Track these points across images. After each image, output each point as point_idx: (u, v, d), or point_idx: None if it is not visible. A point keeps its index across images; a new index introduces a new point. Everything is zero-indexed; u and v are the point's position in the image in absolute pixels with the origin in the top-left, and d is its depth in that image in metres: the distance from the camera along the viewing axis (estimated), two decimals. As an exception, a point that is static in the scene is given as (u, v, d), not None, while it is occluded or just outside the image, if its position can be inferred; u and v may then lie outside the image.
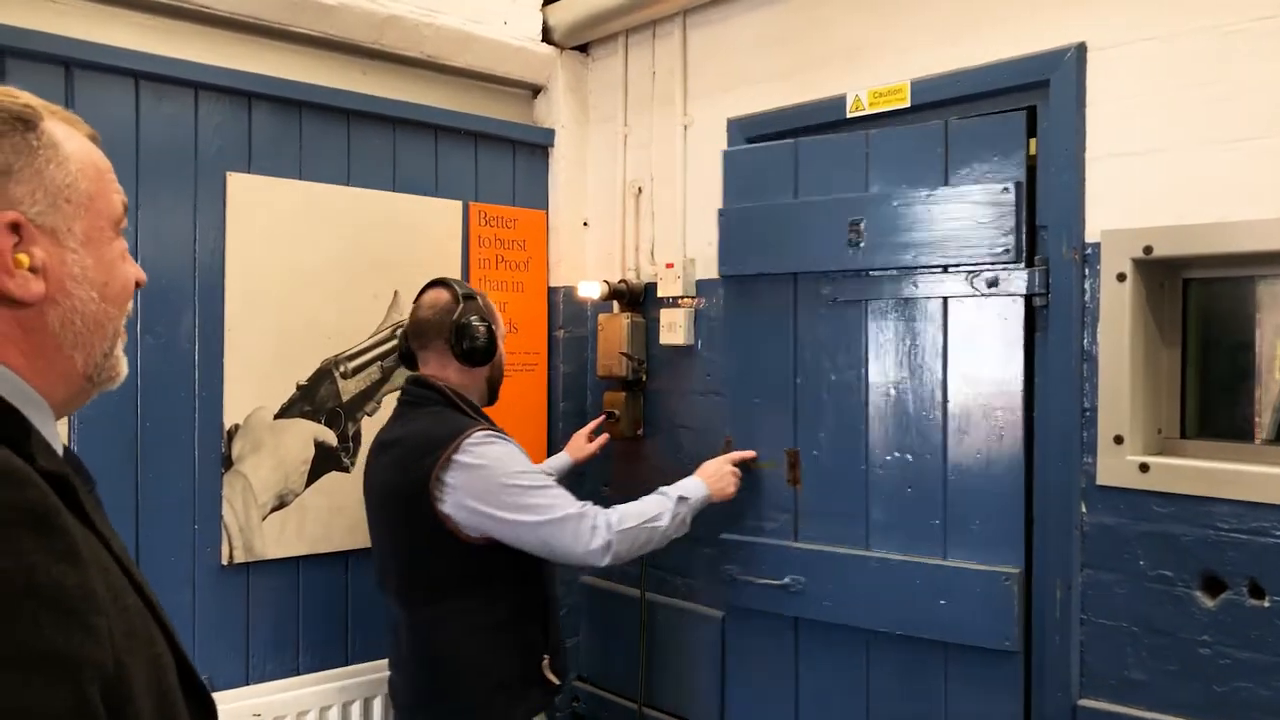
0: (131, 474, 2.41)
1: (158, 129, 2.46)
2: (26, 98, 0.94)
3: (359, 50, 2.84)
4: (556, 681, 2.31)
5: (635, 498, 3.03)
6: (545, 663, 2.29)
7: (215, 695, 2.41)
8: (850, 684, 2.42)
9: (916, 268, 2.30)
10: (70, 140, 0.95)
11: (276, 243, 2.62)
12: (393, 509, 2.24)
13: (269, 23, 2.63)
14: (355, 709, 2.66)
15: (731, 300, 2.68)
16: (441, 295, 2.34)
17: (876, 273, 2.37)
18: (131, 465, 2.41)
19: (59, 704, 0.70)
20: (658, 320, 2.98)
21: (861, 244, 2.36)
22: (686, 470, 2.91)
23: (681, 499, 2.36)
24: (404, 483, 2.18)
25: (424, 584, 2.22)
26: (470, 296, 2.34)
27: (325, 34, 2.73)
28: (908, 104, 2.37)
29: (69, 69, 2.33)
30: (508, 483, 2.14)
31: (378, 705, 2.70)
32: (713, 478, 2.46)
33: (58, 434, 0.96)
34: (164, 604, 2.53)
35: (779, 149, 2.55)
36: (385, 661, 2.73)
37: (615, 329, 3.03)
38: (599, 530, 2.19)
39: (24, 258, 0.88)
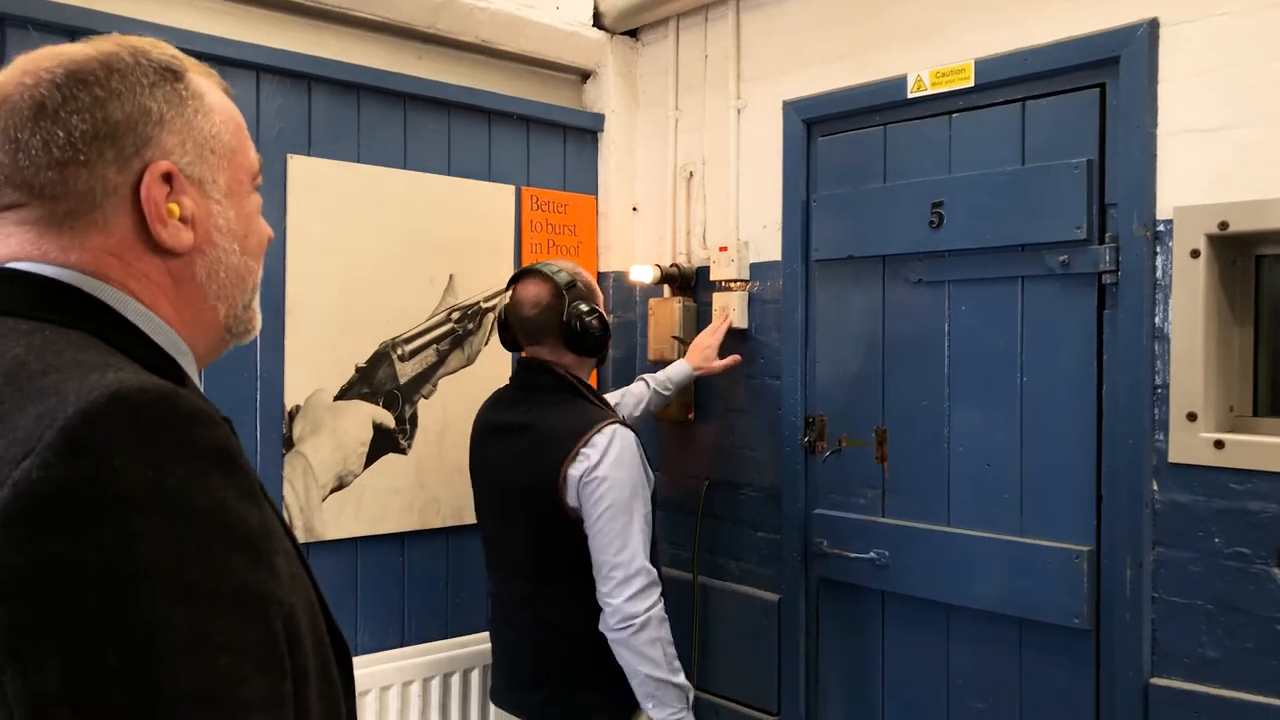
0: (196, 453, 2.42)
1: (221, 111, 2.47)
2: (173, 50, 0.94)
3: (414, 34, 2.85)
4: None
5: (685, 483, 3.06)
6: None
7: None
8: (932, 657, 2.45)
9: (994, 248, 2.31)
10: (213, 93, 0.96)
11: (335, 225, 2.64)
12: (518, 498, 2.26)
13: (328, 6, 2.64)
14: (414, 689, 2.66)
15: (822, 284, 2.71)
16: (542, 291, 2.31)
17: (956, 253, 2.39)
18: (196, 445, 2.42)
19: (251, 638, 0.70)
20: (709, 304, 2.98)
21: (943, 226, 2.37)
22: (738, 454, 2.94)
23: (680, 686, 2.19)
24: (532, 475, 2.21)
25: (549, 568, 2.26)
26: (571, 284, 2.32)
27: (382, 18, 2.74)
28: (971, 84, 2.37)
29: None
30: (614, 505, 2.14)
31: (435, 685, 2.71)
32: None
33: (199, 384, 0.97)
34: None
35: (868, 135, 2.58)
36: (441, 643, 2.78)
37: (667, 313, 3.03)
38: (653, 610, 2.14)
39: (175, 207, 0.89)
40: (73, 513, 0.64)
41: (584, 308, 2.30)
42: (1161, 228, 2.09)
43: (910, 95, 2.47)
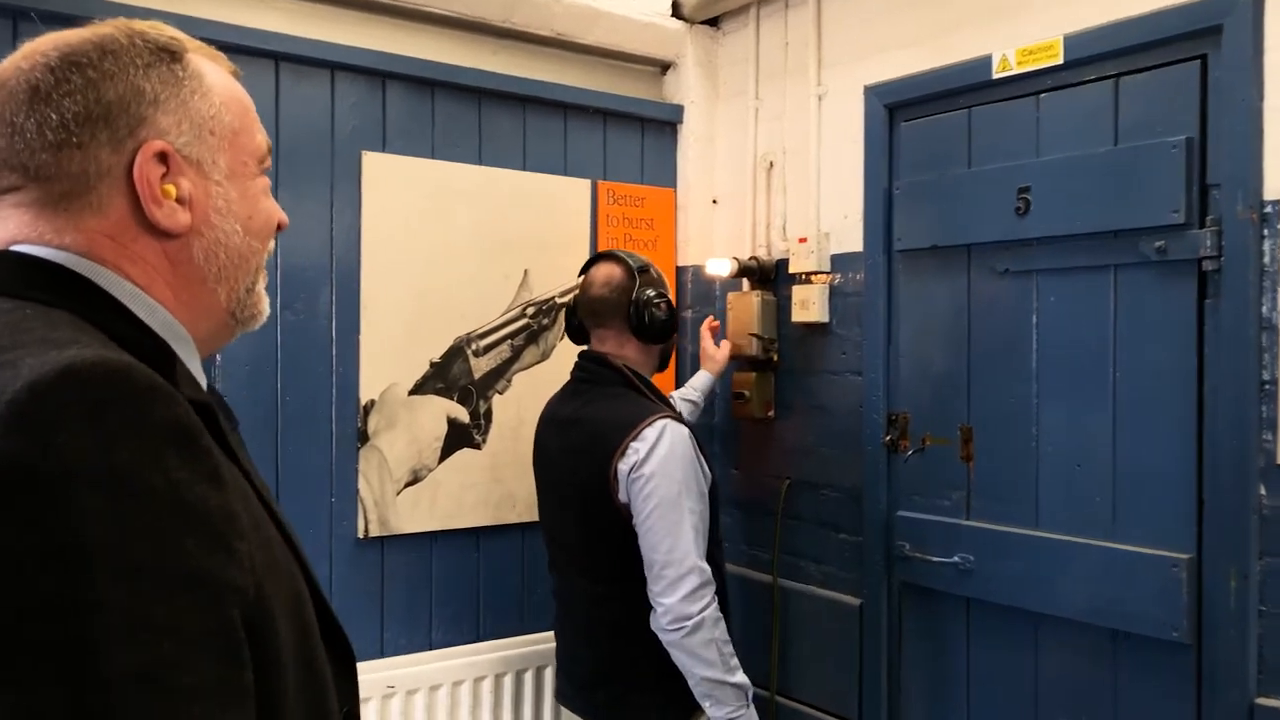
0: (272, 447, 2.46)
1: (296, 109, 2.51)
2: (173, 31, 0.93)
3: (489, 29, 2.84)
4: None
5: (764, 482, 2.99)
6: None
7: (351, 665, 2.46)
8: (1019, 667, 2.33)
9: (1084, 235, 2.17)
10: (215, 74, 0.95)
11: (410, 221, 2.65)
12: (573, 492, 2.23)
13: (402, 3, 2.66)
14: (486, 685, 2.66)
15: (905, 275, 2.61)
16: (615, 271, 2.30)
17: (1044, 241, 2.26)
18: (272, 438, 2.47)
19: (202, 624, 0.68)
20: (789, 298, 2.90)
21: (1029, 212, 2.25)
22: (818, 453, 2.85)
23: (737, 686, 2.12)
24: (585, 469, 2.17)
25: (606, 566, 2.21)
26: (644, 269, 2.30)
27: (456, 13, 2.75)
28: (1060, 61, 2.23)
29: (215, 51, 2.39)
30: (663, 501, 2.08)
31: (508, 682, 2.70)
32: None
33: (201, 370, 0.95)
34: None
35: (951, 119, 2.47)
36: (514, 640, 2.77)
37: (745, 307, 2.96)
38: (707, 612, 2.07)
39: (171, 188, 0.88)
40: (13, 486, 0.62)
41: (652, 292, 2.27)
42: (1269, 209, 1.92)
43: (995, 76, 2.35)
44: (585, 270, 2.37)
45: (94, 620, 0.62)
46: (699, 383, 2.85)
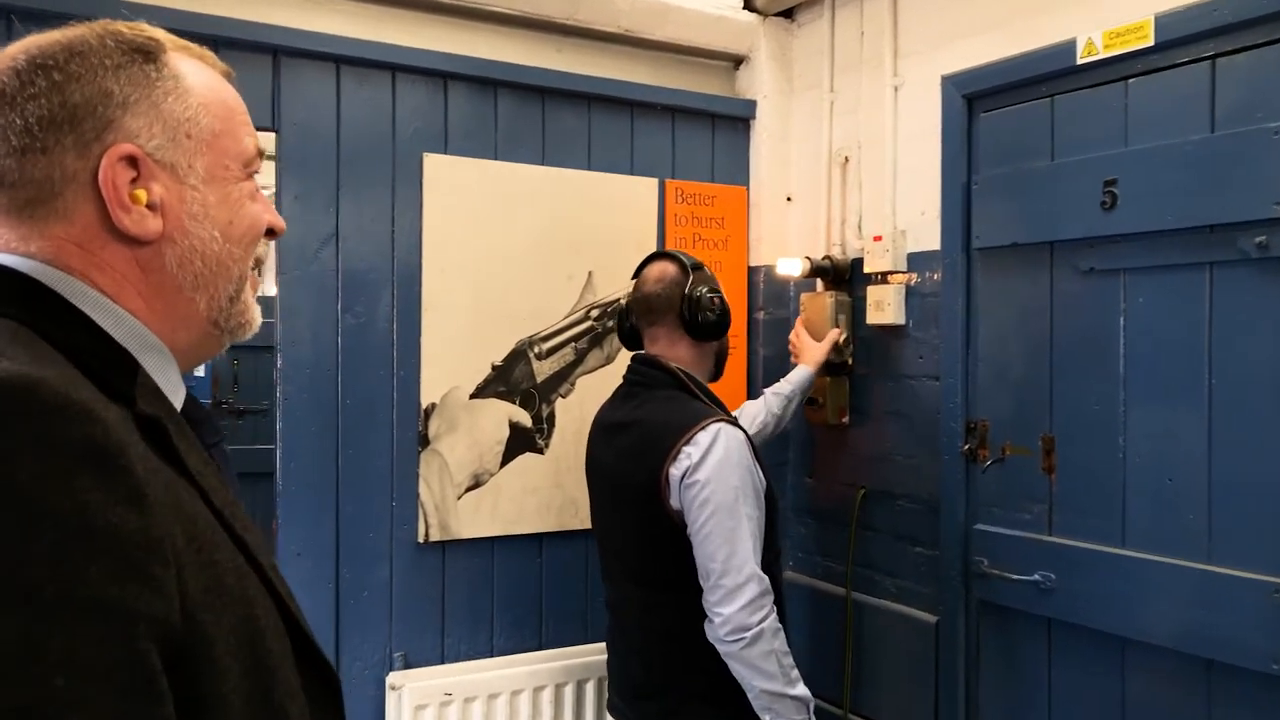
0: (332, 450, 2.46)
1: (357, 112, 2.50)
2: (153, 31, 0.90)
3: (553, 27, 2.80)
4: None
5: (838, 490, 2.87)
6: None
7: (410, 672, 2.45)
8: (1105, 695, 2.17)
9: (1176, 230, 2.01)
10: (196, 75, 0.90)
11: (472, 223, 2.62)
12: (625, 498, 2.16)
13: (464, 3, 2.63)
14: (546, 695, 2.61)
15: (984, 274, 2.47)
16: (668, 268, 2.24)
17: (1132, 238, 2.10)
18: (332, 442, 2.46)
19: (107, 656, 0.63)
20: (864, 298, 2.78)
21: (1116, 206, 2.10)
22: (894, 461, 2.72)
23: (798, 699, 2.02)
24: (636, 474, 2.10)
25: (657, 574, 2.15)
26: (698, 267, 2.24)
27: (519, 11, 2.71)
28: (1151, 43, 2.07)
29: (276, 56, 2.40)
30: (719, 508, 2.00)
31: (569, 692, 2.65)
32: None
33: (179, 381, 0.91)
34: (363, 580, 2.56)
35: (1033, 109, 2.33)
36: (577, 649, 2.71)
37: (818, 309, 2.85)
38: (766, 623, 1.98)
39: (142, 193, 0.84)
40: None
41: (705, 289, 2.20)
42: (1386, 200, 1.74)
43: (1080, 61, 2.19)
44: (639, 271, 2.31)
45: None
46: (796, 376, 2.71)
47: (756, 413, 2.63)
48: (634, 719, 2.21)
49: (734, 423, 2.11)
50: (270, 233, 0.96)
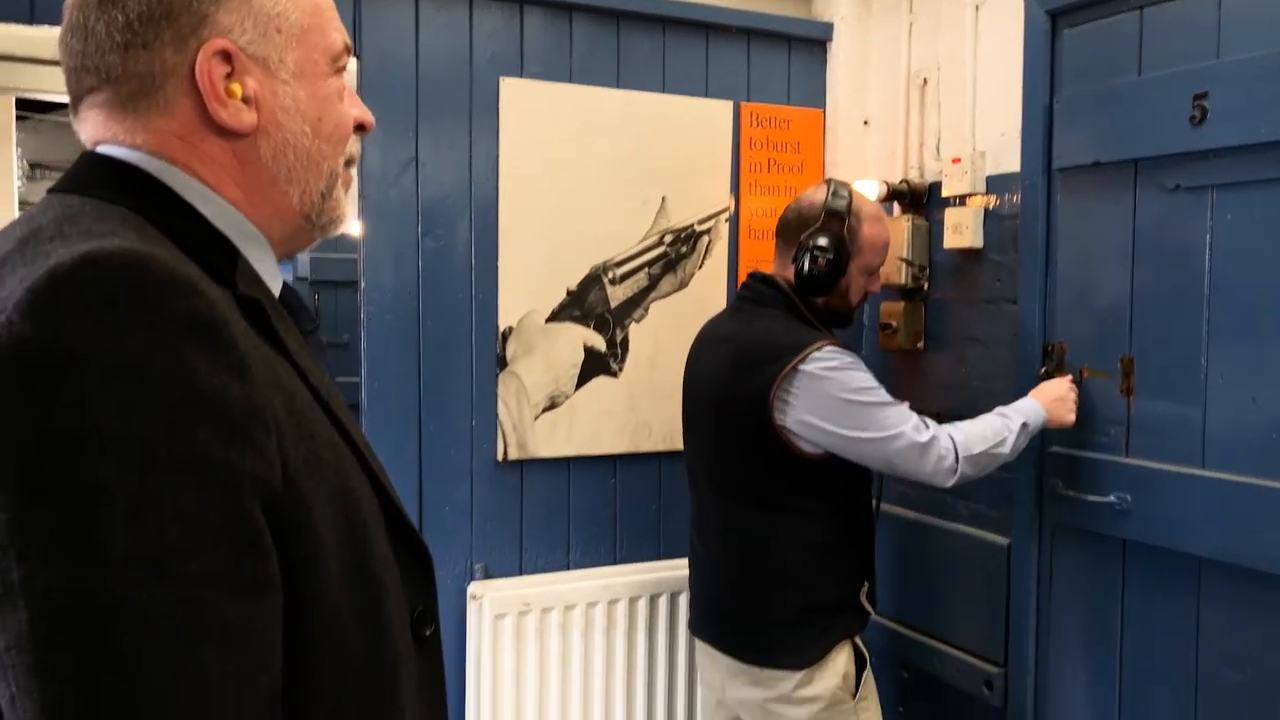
0: (414, 371, 2.54)
1: (435, 38, 2.54)
2: None
3: (628, -51, 2.79)
4: (870, 610, 2.25)
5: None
6: (864, 590, 2.24)
7: (490, 583, 2.55)
8: (1179, 616, 2.16)
9: (1270, 144, 1.93)
10: None
11: (547, 147, 2.65)
12: (724, 411, 2.19)
13: (540, -74, 2.63)
14: (620, 607, 2.69)
15: (1065, 195, 2.41)
16: (816, 198, 2.23)
17: (1223, 153, 2.03)
18: (414, 363, 2.54)
19: (216, 512, 0.68)
20: (941, 222, 2.75)
21: (1206, 121, 2.03)
22: (969, 387, 2.71)
23: (1024, 425, 2.19)
24: (741, 388, 2.12)
25: (753, 491, 2.18)
26: (837, 214, 2.19)
27: (595, -66, 2.70)
28: (1248, -52, 1.99)
29: (357, -16, 2.44)
30: (852, 399, 2.07)
31: (642, 605, 2.72)
32: (1052, 402, 2.26)
33: (276, 269, 0.96)
34: (445, 495, 2.65)
35: (1120, 23, 2.25)
36: (650, 564, 2.78)
37: (894, 233, 2.80)
38: (946, 456, 2.09)
39: (236, 87, 0.88)
40: (26, 371, 0.64)
41: (822, 242, 2.17)
42: None
43: (1172, -33, 2.12)
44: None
45: (101, 505, 0.64)
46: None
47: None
48: (715, 638, 2.26)
49: (848, 347, 2.13)
50: (360, 128, 1.01)
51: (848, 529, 2.23)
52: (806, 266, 2.17)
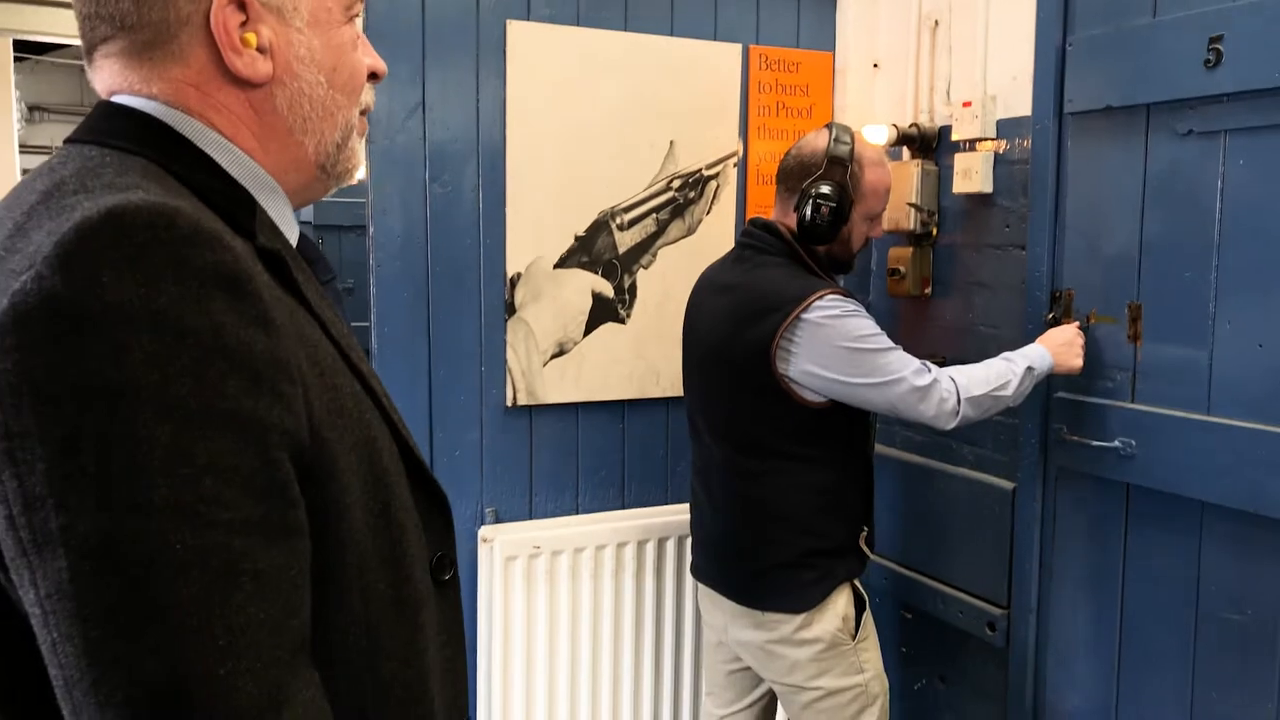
0: (424, 318, 2.55)
1: (441, -21, 2.50)
2: None
3: (636, -113, 2.74)
4: (869, 553, 2.29)
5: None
6: (864, 534, 2.27)
7: (500, 526, 2.58)
8: (1180, 558, 2.19)
9: (1284, 88, 1.93)
10: None
11: (554, 91, 2.63)
12: (726, 361, 2.20)
13: None
14: (628, 550, 2.73)
15: (1075, 140, 2.39)
16: (818, 143, 2.21)
17: (1237, 97, 2.01)
18: (423, 309, 2.55)
19: (246, 462, 0.70)
20: (951, 167, 2.73)
21: (1221, 64, 2.01)
22: (976, 332, 2.71)
23: (1029, 370, 2.20)
24: (743, 338, 2.14)
25: (754, 438, 2.20)
26: (839, 161, 2.18)
27: None
28: (1269, -115, 1.95)
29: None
30: (854, 346, 2.09)
31: (650, 548, 2.76)
32: (1059, 347, 2.26)
33: (293, 219, 0.97)
34: (455, 440, 2.68)
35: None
36: (658, 509, 2.82)
37: (903, 178, 2.81)
38: (948, 398, 2.12)
39: (251, 36, 0.88)
40: (58, 325, 0.65)
41: (825, 189, 2.16)
42: None
43: (1190, -93, 2.08)
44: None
45: (136, 454, 0.65)
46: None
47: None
48: (716, 581, 2.30)
49: (849, 294, 2.14)
50: (373, 76, 1.00)
51: (848, 474, 2.25)
52: (809, 215, 2.16)
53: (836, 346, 2.08)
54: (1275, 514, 1.97)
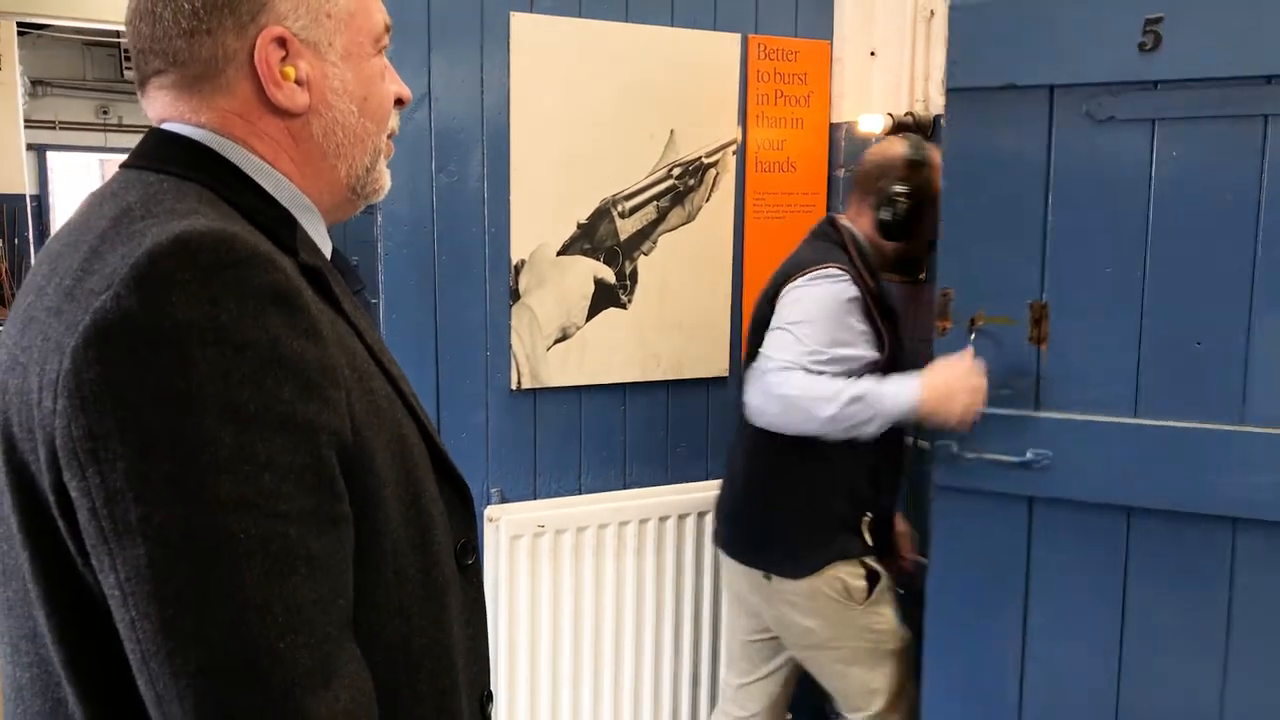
0: (430, 303, 2.63)
1: (447, -28, 2.56)
2: None
3: (637, -121, 2.78)
4: (869, 542, 2.35)
5: (919, 348, 2.95)
6: (867, 520, 2.34)
7: (506, 506, 2.67)
8: (1102, 565, 2.11)
9: (1225, 79, 1.91)
10: None
11: (557, 81, 2.69)
12: (754, 327, 2.38)
13: None
14: (630, 529, 2.82)
15: (959, 119, 2.16)
16: (894, 150, 2.38)
17: (1172, 84, 1.96)
18: (430, 295, 2.62)
19: (300, 460, 0.78)
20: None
21: (1159, 48, 1.95)
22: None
23: (854, 399, 2.11)
24: (764, 302, 2.34)
25: None
26: (919, 164, 2.33)
27: None
28: None
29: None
30: (800, 313, 2.23)
31: (651, 527, 2.85)
32: (933, 391, 2.10)
33: (327, 237, 1.05)
34: (462, 423, 2.77)
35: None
36: (659, 489, 2.92)
37: (897, 166, 2.88)
38: (770, 384, 2.18)
39: (290, 70, 0.95)
40: (134, 339, 0.74)
41: (902, 189, 2.32)
42: None
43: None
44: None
45: (205, 454, 0.74)
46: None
47: None
48: (722, 542, 2.51)
49: (858, 281, 2.25)
50: (399, 102, 1.08)
51: (856, 455, 2.27)
52: (890, 214, 2.32)
53: (795, 301, 2.23)
54: (1210, 510, 2.01)
